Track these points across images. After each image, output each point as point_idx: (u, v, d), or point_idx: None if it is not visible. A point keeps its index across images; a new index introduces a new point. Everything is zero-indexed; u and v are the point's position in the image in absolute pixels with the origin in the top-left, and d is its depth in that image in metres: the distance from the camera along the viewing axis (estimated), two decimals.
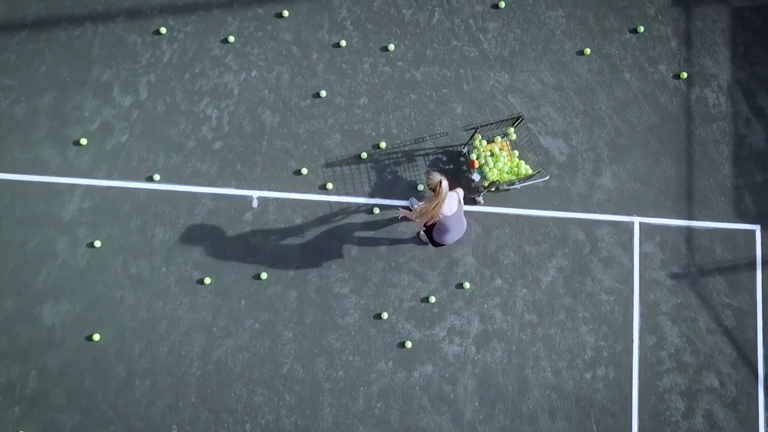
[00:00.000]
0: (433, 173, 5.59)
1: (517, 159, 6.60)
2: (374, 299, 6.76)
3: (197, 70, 6.97)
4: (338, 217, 6.84)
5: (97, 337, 6.52)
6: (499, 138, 6.66)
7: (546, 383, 6.71)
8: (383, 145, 6.93)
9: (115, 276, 6.64)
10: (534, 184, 6.93)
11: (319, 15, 7.13)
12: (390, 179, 6.90)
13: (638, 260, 6.94)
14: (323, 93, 6.99)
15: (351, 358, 6.67)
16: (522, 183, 6.63)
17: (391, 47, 7.10)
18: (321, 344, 6.66)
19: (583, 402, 6.70)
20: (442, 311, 6.78)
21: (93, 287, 6.61)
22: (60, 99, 6.83)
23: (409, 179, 6.93)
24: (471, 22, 7.20)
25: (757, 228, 7.04)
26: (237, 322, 6.65)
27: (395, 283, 6.79)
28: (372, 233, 6.84)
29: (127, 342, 6.57)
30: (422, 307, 6.78)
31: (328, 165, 6.92)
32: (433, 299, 6.76)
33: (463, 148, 6.91)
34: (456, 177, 6.94)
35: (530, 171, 6.49)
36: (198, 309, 6.65)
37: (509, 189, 6.84)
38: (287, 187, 6.86)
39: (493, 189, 6.52)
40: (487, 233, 6.90)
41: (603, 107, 7.15)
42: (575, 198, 7.00)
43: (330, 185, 6.87)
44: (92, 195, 6.73)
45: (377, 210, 6.79)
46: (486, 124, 6.38)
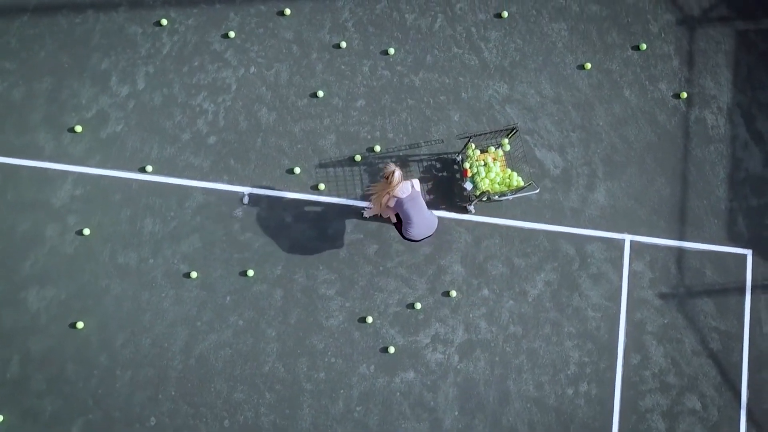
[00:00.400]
0: (389, 164, 6.00)
1: (510, 170, 6.62)
2: (360, 302, 6.79)
3: (196, 64, 7.02)
4: (328, 219, 6.87)
5: (81, 325, 6.57)
6: (493, 148, 6.69)
7: (527, 396, 6.73)
8: (378, 149, 6.96)
9: (103, 265, 6.68)
10: (527, 196, 6.95)
11: (321, 15, 7.16)
12: None
13: (627, 278, 6.96)
14: (321, 93, 7.02)
15: (333, 360, 6.70)
16: (513, 194, 6.64)
17: (392, 51, 7.13)
18: (304, 344, 6.70)
19: (564, 417, 6.71)
20: (428, 318, 6.81)
21: (80, 275, 6.66)
22: (57, 85, 6.88)
23: None
24: (473, 30, 7.23)
25: (749, 253, 7.05)
26: (221, 318, 6.69)
27: (382, 288, 6.82)
28: (361, 236, 6.87)
29: (111, 331, 6.61)
30: (407, 313, 6.81)
31: (322, 165, 6.95)
32: (419, 306, 6.79)
33: (458, 157, 6.93)
34: (449, 185, 6.97)
35: (522, 183, 6.51)
36: (183, 302, 6.69)
37: (501, 200, 6.86)
38: (279, 186, 6.89)
39: (485, 199, 6.55)
40: (477, 243, 6.92)
41: (601, 123, 7.17)
42: (567, 212, 7.02)
43: (322, 186, 6.90)
44: (84, 183, 6.78)
45: (367, 212, 6.81)
46: (480, 134, 6.40)
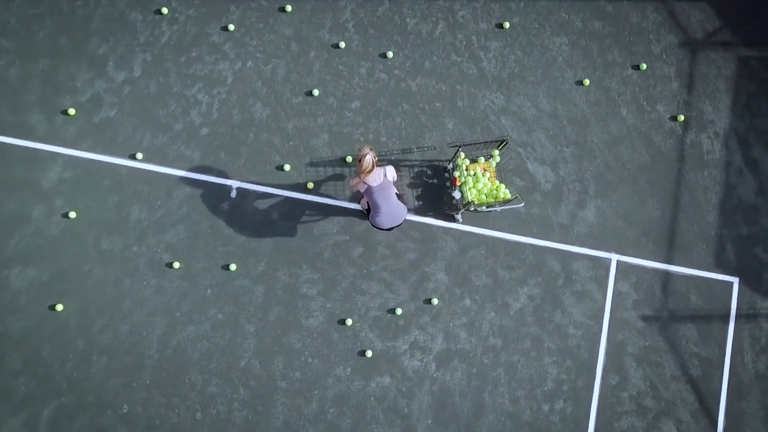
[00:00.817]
0: (364, 147, 5.96)
1: (498, 182, 6.63)
2: (341, 304, 6.81)
3: (194, 54, 7.05)
4: (315, 218, 6.90)
5: (61, 308, 6.61)
6: (483, 159, 6.70)
7: (502, 409, 6.74)
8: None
9: (87, 249, 6.73)
10: (516, 209, 6.96)
11: (322, 14, 7.19)
12: None
13: (611, 298, 6.96)
14: (316, 92, 7.05)
15: (310, 360, 6.72)
16: (501, 207, 6.65)
17: (390, 54, 7.16)
18: (281, 343, 6.72)
19: None
20: (408, 324, 6.83)
21: (63, 257, 6.70)
22: (54, 67, 6.93)
23: None
24: (473, 39, 7.25)
25: (736, 281, 7.05)
26: (201, 310, 6.72)
27: (364, 291, 6.84)
28: (347, 238, 6.89)
29: (90, 316, 6.65)
30: (388, 318, 6.83)
31: (312, 164, 6.98)
32: (400, 311, 6.80)
33: (449, 164, 6.95)
34: (438, 192, 6.98)
35: (509, 196, 6.52)
36: (164, 292, 6.72)
37: (489, 211, 6.87)
38: (268, 182, 6.92)
39: (472, 209, 6.56)
40: (463, 252, 6.94)
41: (595, 140, 7.18)
42: (556, 228, 7.03)
43: (311, 185, 6.93)
44: (74, 166, 6.82)
45: (349, 203, 6.84)
46: (470, 143, 6.42)
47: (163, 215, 6.82)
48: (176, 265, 6.74)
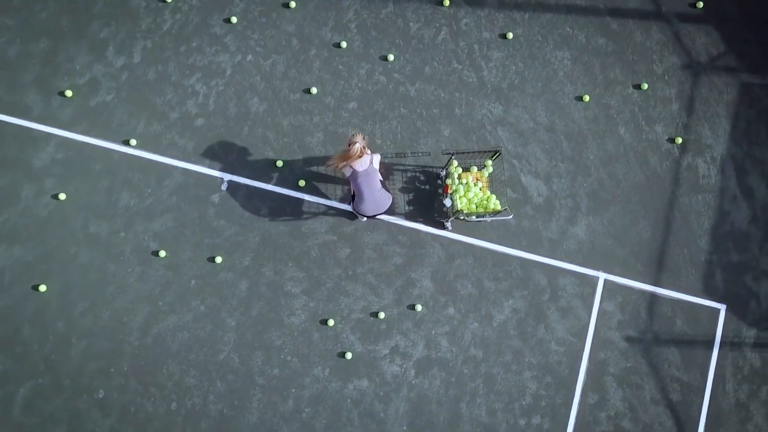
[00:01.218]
0: (357, 134, 6.16)
1: (489, 193, 6.64)
2: (324, 304, 6.83)
3: (194, 45, 7.09)
4: (304, 216, 6.92)
5: (44, 289, 6.65)
6: (475, 168, 6.71)
7: (478, 421, 6.75)
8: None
9: (74, 232, 6.76)
10: (506, 221, 6.97)
11: (326, 12, 7.22)
12: None
13: (596, 316, 6.96)
14: (314, 90, 7.07)
15: (289, 359, 6.74)
16: (491, 217, 6.65)
17: (391, 57, 7.18)
18: (262, 339, 6.74)
19: None
20: (389, 329, 6.84)
21: (50, 239, 6.74)
22: (54, 47, 6.97)
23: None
24: (475, 48, 7.26)
25: (723, 308, 7.04)
26: (183, 301, 6.75)
27: (348, 292, 6.86)
28: (335, 238, 6.91)
29: (72, 299, 6.69)
30: (370, 321, 6.84)
31: (305, 162, 7.01)
32: (383, 315, 6.82)
33: (442, 171, 6.97)
34: (429, 198, 7.00)
35: (498, 207, 6.53)
36: (148, 280, 6.75)
37: (478, 221, 6.87)
38: (260, 177, 6.95)
39: (461, 217, 6.57)
40: (450, 260, 6.95)
41: (591, 157, 7.18)
42: (545, 242, 7.04)
43: (302, 182, 6.96)
44: (67, 148, 6.86)
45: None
46: (463, 152, 6.44)
47: (153, 203, 6.85)
48: (162, 254, 6.77)
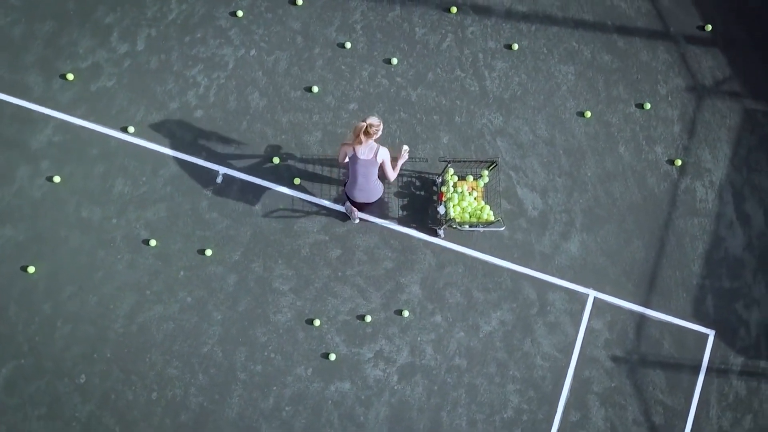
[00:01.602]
0: (373, 117, 5.90)
1: (484, 203, 6.65)
2: (311, 304, 6.85)
3: (199, 36, 7.12)
4: (297, 214, 6.94)
5: (32, 270, 6.68)
6: (471, 177, 6.72)
7: (458, 431, 6.75)
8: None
9: (66, 215, 6.80)
10: (500, 232, 6.98)
11: (332, 12, 7.24)
12: None
13: (583, 334, 6.97)
14: (315, 89, 7.10)
15: (272, 356, 6.76)
16: (484, 228, 6.66)
17: (395, 61, 7.20)
18: (247, 334, 6.77)
19: None
20: (375, 333, 6.86)
21: (42, 220, 6.77)
22: (58, 30, 7.01)
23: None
24: (480, 57, 7.28)
25: (712, 333, 7.04)
26: (171, 291, 6.77)
27: (336, 293, 6.88)
28: (327, 238, 6.93)
29: (60, 282, 6.72)
30: (356, 324, 6.86)
31: (302, 161, 7.03)
32: (369, 319, 6.84)
33: (438, 179, 6.98)
34: (424, 204, 7.02)
35: (492, 218, 6.54)
36: (137, 268, 6.78)
37: (470, 230, 6.88)
38: (255, 172, 6.97)
39: (454, 226, 6.59)
40: (440, 268, 6.96)
41: (589, 173, 7.19)
42: (537, 256, 7.04)
43: (298, 181, 6.98)
44: (64, 131, 6.90)
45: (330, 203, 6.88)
46: (460, 161, 6.45)
47: (147, 191, 6.88)
48: (152, 243, 6.80)
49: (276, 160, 7.00)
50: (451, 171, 6.71)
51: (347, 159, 6.14)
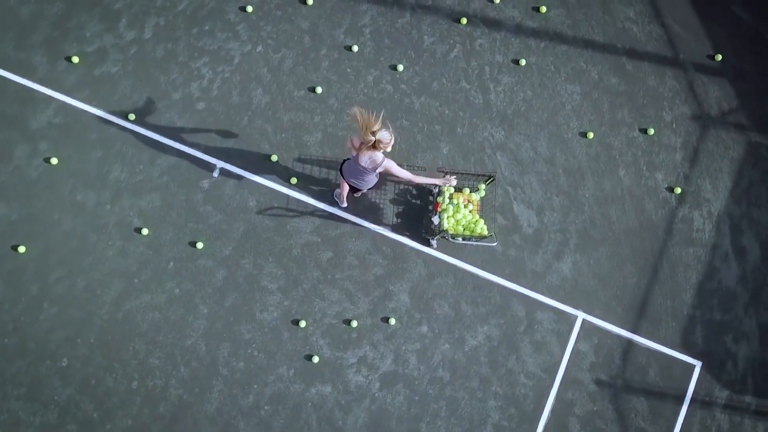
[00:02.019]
0: (388, 137, 5.66)
1: (479, 217, 6.66)
2: (298, 304, 6.86)
3: (206, 28, 7.15)
4: (292, 214, 6.96)
5: (23, 250, 6.71)
6: (468, 190, 6.73)
7: None
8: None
9: (60, 197, 6.83)
10: (493, 247, 6.98)
11: (342, 14, 7.26)
12: (355, 195, 7.00)
13: (569, 355, 6.96)
14: (319, 90, 7.12)
15: (255, 354, 6.78)
16: (476, 241, 6.66)
17: (400, 68, 7.22)
18: (231, 330, 6.78)
19: None
20: (360, 338, 6.87)
21: (36, 201, 6.81)
22: (67, 12, 7.05)
23: (374, 200, 7.03)
24: (486, 70, 7.29)
25: (698, 365, 7.03)
26: (159, 281, 6.80)
27: (324, 296, 6.89)
28: (319, 240, 6.95)
29: (50, 264, 6.75)
30: (342, 328, 6.87)
31: (300, 160, 7.05)
32: (355, 324, 6.85)
33: (434, 189, 6.99)
34: (419, 214, 7.03)
35: (485, 232, 6.55)
36: (127, 256, 6.81)
37: (463, 243, 6.87)
38: (252, 168, 7.00)
39: (447, 237, 6.59)
40: (430, 278, 6.97)
41: (587, 194, 7.19)
42: (528, 273, 7.05)
43: (294, 180, 7.00)
44: (65, 113, 6.93)
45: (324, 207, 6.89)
46: (458, 172, 6.46)
47: (143, 180, 6.91)
48: (144, 232, 6.83)
49: (274, 158, 7.02)
50: None
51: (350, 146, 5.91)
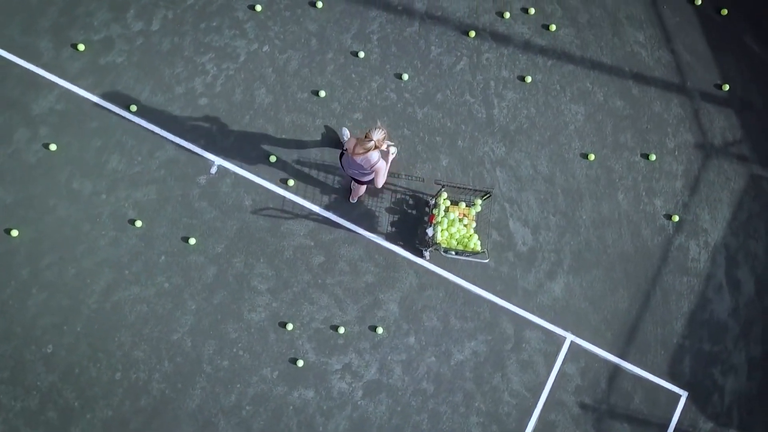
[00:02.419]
0: (379, 130, 5.94)
1: (473, 232, 6.66)
2: (287, 307, 6.88)
3: (214, 24, 7.18)
4: (286, 216, 6.98)
5: (16, 233, 6.75)
6: (464, 204, 6.74)
7: None
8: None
9: (57, 184, 6.86)
10: (486, 263, 6.99)
11: (351, 19, 7.28)
12: (351, 201, 7.02)
13: (555, 376, 6.97)
14: (323, 93, 7.14)
15: (241, 353, 6.80)
16: (468, 257, 6.65)
17: (405, 77, 7.23)
18: (218, 328, 6.81)
19: None
20: (346, 345, 6.88)
21: (32, 186, 6.84)
22: None
23: (370, 207, 7.04)
24: (491, 84, 7.30)
25: (684, 395, 7.03)
26: (149, 274, 6.83)
27: (313, 300, 6.91)
28: (312, 243, 6.97)
29: (42, 250, 6.79)
30: (329, 334, 6.89)
31: (298, 162, 7.07)
32: (342, 330, 6.86)
33: (431, 200, 7.00)
34: (414, 224, 7.05)
35: (478, 248, 6.55)
36: (119, 246, 6.84)
37: (455, 258, 6.87)
38: (250, 167, 7.02)
39: (440, 250, 6.60)
40: (421, 289, 6.98)
41: (584, 216, 7.19)
42: (520, 291, 7.05)
43: (292, 182, 7.02)
44: (68, 100, 6.97)
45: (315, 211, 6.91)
46: (455, 186, 6.47)
47: (140, 172, 6.94)
48: (138, 224, 6.86)
49: (273, 159, 7.04)
50: (445, 195, 6.73)
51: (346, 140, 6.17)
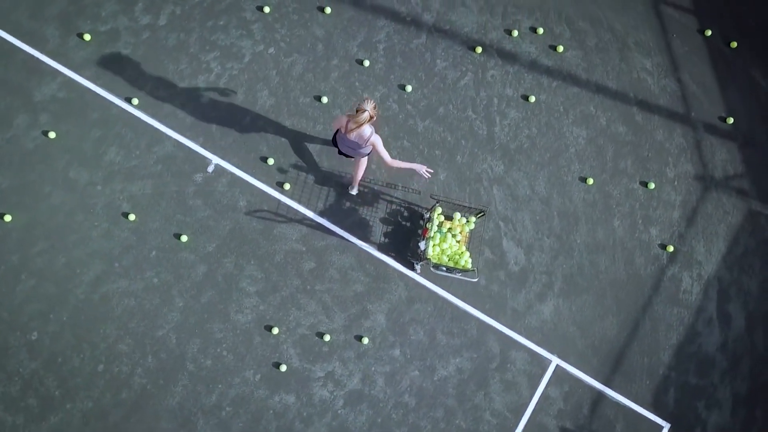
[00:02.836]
0: (369, 101, 5.89)
1: (465, 249, 6.68)
2: (274, 311, 6.91)
3: (221, 23, 7.21)
4: (280, 219, 7.00)
5: (9, 219, 6.79)
6: (458, 215, 6.75)
7: None
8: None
9: (54, 172, 6.90)
10: (476, 281, 7.00)
11: (358, 27, 7.31)
12: (346, 208, 7.05)
13: (537, 398, 6.97)
14: (325, 99, 7.16)
15: (224, 354, 6.82)
16: (458, 274, 6.66)
17: (409, 89, 7.25)
18: (204, 327, 6.83)
19: None
20: (331, 353, 6.90)
21: (28, 172, 6.88)
22: None
23: (364, 216, 7.06)
24: (495, 101, 7.31)
25: (667, 427, 7.02)
26: (139, 269, 6.86)
27: (301, 306, 6.93)
28: (304, 249, 6.99)
29: (33, 236, 6.83)
30: (314, 341, 6.91)
31: (296, 167, 7.09)
32: (328, 338, 6.88)
33: (426, 213, 7.02)
34: (407, 236, 7.07)
35: (468, 266, 6.56)
36: (111, 239, 6.87)
37: (445, 275, 6.86)
38: (247, 168, 7.05)
39: (430, 265, 6.61)
40: (410, 302, 7.00)
41: (578, 240, 7.20)
42: (508, 311, 7.06)
43: (288, 186, 7.04)
44: (70, 88, 7.01)
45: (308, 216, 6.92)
46: (450, 201, 6.48)
47: (137, 165, 6.97)
48: (131, 217, 6.89)
49: (270, 161, 7.07)
50: (439, 210, 6.75)
51: (337, 126, 6.23)
